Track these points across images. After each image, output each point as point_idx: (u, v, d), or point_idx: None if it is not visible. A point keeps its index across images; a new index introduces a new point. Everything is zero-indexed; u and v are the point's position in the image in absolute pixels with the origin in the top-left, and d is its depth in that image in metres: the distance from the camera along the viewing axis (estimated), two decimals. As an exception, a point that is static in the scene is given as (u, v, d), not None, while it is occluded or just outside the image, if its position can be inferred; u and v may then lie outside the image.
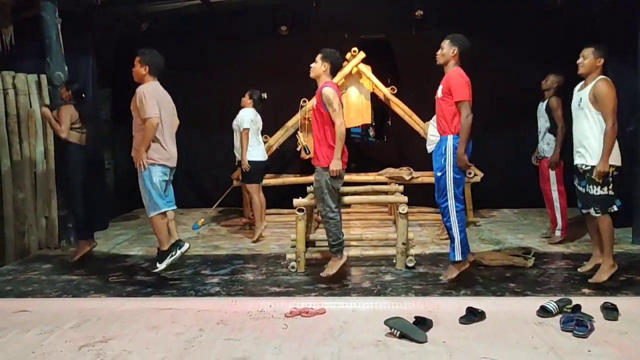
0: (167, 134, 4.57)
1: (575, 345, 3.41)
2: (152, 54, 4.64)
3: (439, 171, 4.33)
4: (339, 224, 4.57)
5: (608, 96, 4.13)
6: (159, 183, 4.51)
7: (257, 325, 3.81)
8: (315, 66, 4.47)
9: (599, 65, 4.27)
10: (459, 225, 4.33)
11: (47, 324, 3.90)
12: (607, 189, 4.20)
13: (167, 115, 4.59)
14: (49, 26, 5.52)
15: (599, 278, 4.32)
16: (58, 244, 5.96)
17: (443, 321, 3.78)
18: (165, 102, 4.60)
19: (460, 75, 4.23)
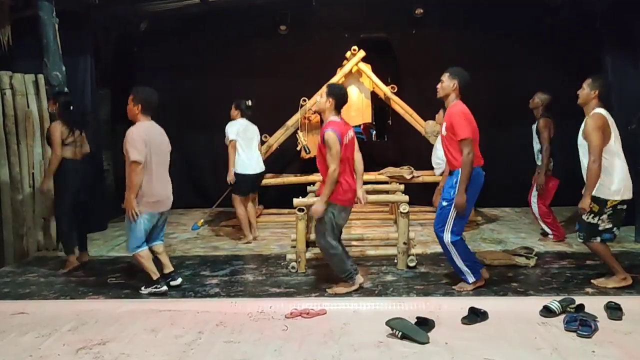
0: (157, 176, 4.37)
1: (579, 346, 3.37)
2: (144, 91, 4.44)
3: (444, 201, 4.25)
4: (342, 256, 4.36)
5: (592, 132, 4.12)
6: (144, 227, 4.39)
7: (257, 327, 3.77)
8: (320, 101, 4.34)
9: (594, 96, 4.23)
10: (459, 255, 4.27)
11: (44, 326, 3.86)
12: (598, 220, 4.21)
13: (159, 156, 4.39)
14: (46, 26, 5.48)
15: (603, 283, 4.34)
16: (56, 246, 5.92)
17: (445, 321, 3.75)
18: (156, 141, 4.39)
19: (461, 111, 4.16)
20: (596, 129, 4.10)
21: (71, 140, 5.09)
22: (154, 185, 4.34)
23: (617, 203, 4.18)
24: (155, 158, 4.37)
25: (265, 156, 7.02)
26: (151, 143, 4.34)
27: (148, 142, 4.30)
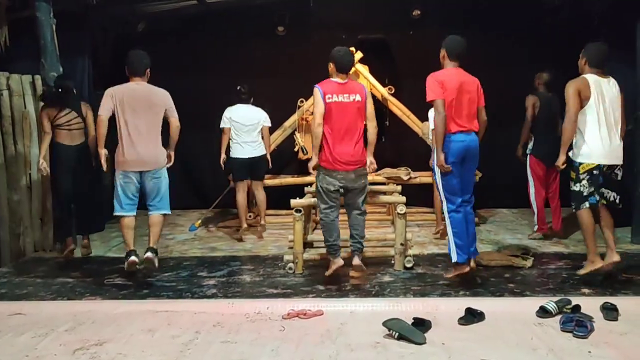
0: (128, 135, 4.43)
1: (575, 346, 3.38)
2: (129, 55, 4.62)
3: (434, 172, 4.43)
4: (328, 225, 4.44)
5: (567, 95, 4.26)
6: (121, 187, 4.52)
7: (254, 328, 3.77)
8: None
9: (584, 64, 4.33)
10: (452, 227, 4.32)
11: (41, 327, 3.86)
12: (579, 186, 4.28)
13: (135, 116, 4.44)
14: (43, 27, 5.47)
15: (579, 271, 4.40)
16: (53, 246, 5.91)
17: (442, 322, 3.75)
18: (135, 101, 4.45)
19: (432, 75, 4.28)
20: (571, 92, 4.22)
21: (64, 122, 5.01)
22: (123, 144, 4.48)
23: (591, 168, 4.23)
24: (131, 118, 4.44)
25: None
26: (126, 102, 4.45)
27: (120, 100, 4.44)
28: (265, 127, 6.26)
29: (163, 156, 4.61)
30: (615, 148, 4.26)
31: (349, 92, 4.34)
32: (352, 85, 4.41)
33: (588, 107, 4.24)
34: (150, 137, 4.52)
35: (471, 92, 4.28)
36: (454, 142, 4.24)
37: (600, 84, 4.26)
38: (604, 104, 4.23)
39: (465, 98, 4.25)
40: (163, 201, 4.65)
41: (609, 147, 4.23)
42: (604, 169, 4.26)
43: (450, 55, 4.31)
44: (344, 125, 4.33)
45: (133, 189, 4.57)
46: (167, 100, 4.62)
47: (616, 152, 4.27)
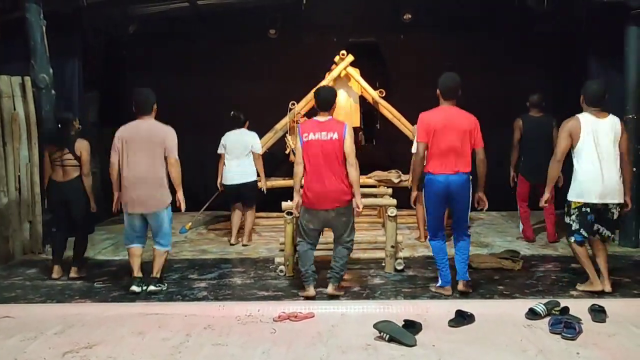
0: (130, 176, 4.42)
1: (564, 348, 3.41)
2: (135, 93, 4.57)
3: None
4: (301, 255, 4.40)
5: (558, 134, 4.40)
6: (126, 222, 4.58)
7: (245, 330, 3.77)
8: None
9: (582, 102, 4.38)
10: (433, 252, 4.42)
11: (30, 330, 3.82)
12: (569, 220, 4.37)
13: (136, 155, 4.41)
14: (33, 28, 5.45)
15: (581, 287, 4.43)
16: (42, 249, 5.88)
17: (432, 324, 3.77)
18: (135, 139, 4.42)
19: (420, 116, 4.36)
20: (562, 133, 4.32)
21: (57, 157, 4.91)
22: (123, 185, 4.48)
23: (581, 205, 4.27)
24: (132, 157, 4.42)
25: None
26: (129, 141, 4.43)
27: (125, 140, 4.44)
28: (256, 153, 6.16)
29: (161, 198, 4.49)
30: (610, 187, 4.22)
31: (326, 130, 4.23)
32: (331, 124, 4.28)
33: (581, 146, 4.24)
34: (150, 177, 4.44)
35: (462, 133, 4.21)
36: (434, 182, 4.26)
37: (596, 123, 4.24)
38: (597, 143, 4.22)
39: (452, 139, 4.21)
40: (164, 237, 4.60)
41: (601, 186, 4.21)
42: (596, 207, 4.26)
43: (443, 94, 4.28)
44: (319, 164, 4.23)
45: (137, 226, 4.57)
46: (166, 137, 4.45)
47: (611, 191, 4.23)
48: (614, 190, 4.23)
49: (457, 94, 4.29)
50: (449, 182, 4.22)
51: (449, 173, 4.21)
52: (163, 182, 4.49)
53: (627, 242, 5.76)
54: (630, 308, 4.04)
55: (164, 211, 4.52)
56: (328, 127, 4.25)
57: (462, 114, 4.29)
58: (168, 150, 4.45)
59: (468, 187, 4.29)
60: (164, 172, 4.48)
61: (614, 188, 4.23)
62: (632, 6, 5.44)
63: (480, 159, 4.31)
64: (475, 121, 4.29)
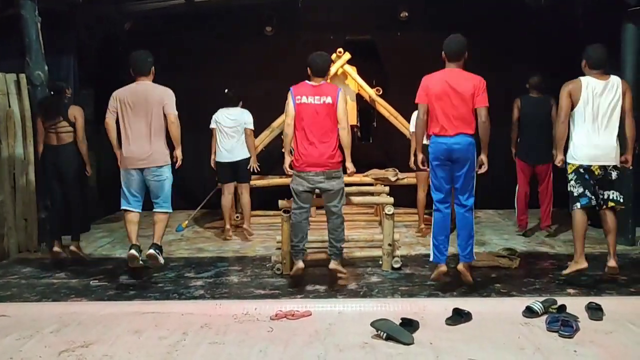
0: (127, 134, 4.53)
1: (561, 346, 3.42)
2: (132, 55, 4.64)
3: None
4: (295, 226, 4.49)
5: (560, 95, 4.42)
6: (124, 183, 4.62)
7: (242, 329, 3.76)
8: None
9: (584, 67, 4.43)
10: (433, 229, 4.39)
11: (26, 328, 3.80)
12: (570, 186, 4.40)
13: (132, 115, 4.51)
14: (28, 25, 5.41)
15: (563, 272, 4.47)
16: (38, 247, 5.85)
17: (429, 322, 3.77)
18: (132, 100, 4.51)
19: (423, 78, 4.37)
20: (563, 94, 4.37)
21: (50, 124, 5.01)
22: (123, 143, 4.56)
23: (577, 167, 4.33)
24: (128, 117, 4.51)
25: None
26: (126, 102, 4.51)
27: (122, 100, 4.51)
28: (248, 129, 6.17)
29: (161, 154, 4.58)
30: (605, 148, 4.27)
31: (320, 95, 4.35)
32: (324, 88, 4.40)
33: (577, 108, 4.31)
34: (147, 135, 4.53)
35: (463, 94, 4.19)
36: (435, 144, 4.27)
37: (596, 85, 4.28)
38: (595, 105, 4.26)
39: (454, 100, 4.19)
40: (165, 199, 4.66)
41: (595, 147, 4.27)
42: (593, 170, 4.30)
43: (447, 56, 4.29)
44: (312, 127, 4.35)
45: (135, 186, 4.62)
46: (164, 96, 4.55)
47: (605, 152, 4.27)
48: (609, 151, 4.27)
49: (462, 56, 4.27)
50: (450, 144, 4.20)
51: (450, 135, 4.20)
52: (163, 140, 4.59)
53: (623, 240, 5.75)
54: (627, 306, 4.04)
55: (164, 167, 4.59)
56: (322, 91, 4.36)
57: (465, 76, 4.25)
58: (167, 108, 4.53)
59: (472, 152, 4.24)
60: (163, 130, 4.59)
61: (608, 150, 4.27)
62: (629, 4, 5.43)
63: (482, 120, 4.21)
64: (479, 82, 4.23)
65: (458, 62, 4.28)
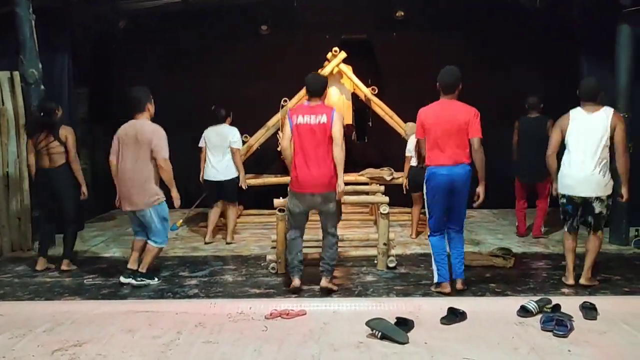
0: (120, 175, 4.52)
1: (556, 345, 3.42)
2: (129, 92, 4.61)
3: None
4: (289, 244, 4.47)
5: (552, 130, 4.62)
6: (129, 218, 4.76)
7: (237, 328, 3.75)
8: None
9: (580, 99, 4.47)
10: (431, 248, 4.39)
11: (18, 327, 3.78)
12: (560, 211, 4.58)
13: (125, 152, 4.47)
14: (22, 22, 5.38)
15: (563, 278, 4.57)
16: (31, 245, 5.82)
17: (424, 322, 3.77)
18: (125, 139, 4.48)
19: (418, 113, 4.40)
20: (554, 127, 4.53)
21: (43, 146, 4.90)
22: (117, 183, 4.57)
23: (561, 195, 4.45)
24: (122, 156, 4.48)
25: (246, 157, 6.99)
26: (121, 140, 4.49)
27: (120, 138, 4.50)
28: (233, 148, 5.98)
29: (143, 197, 4.46)
30: (581, 180, 4.30)
31: (315, 114, 4.28)
32: (320, 108, 4.33)
33: (566, 140, 4.40)
34: (135, 177, 4.45)
35: (457, 125, 4.18)
36: (435, 175, 4.25)
37: (585, 117, 4.31)
38: (580, 137, 4.31)
39: (449, 132, 4.20)
40: (155, 235, 4.59)
41: (571, 178, 4.34)
42: (575, 199, 4.37)
43: (442, 88, 4.29)
44: (308, 148, 4.26)
45: (134, 223, 4.68)
46: (153, 137, 4.42)
47: (581, 183, 4.31)
48: (589, 183, 4.29)
49: (456, 88, 4.27)
50: (451, 175, 4.20)
51: (450, 165, 4.20)
52: (148, 181, 4.47)
53: (617, 240, 5.79)
54: (621, 306, 4.06)
55: (149, 210, 4.50)
56: (317, 110, 4.31)
57: (458, 107, 4.26)
58: (155, 152, 4.43)
59: (468, 181, 4.24)
60: (150, 171, 4.47)
61: (589, 181, 4.29)
62: (624, 5, 5.45)
63: (474, 149, 4.22)
64: (473, 113, 4.23)
65: (452, 94, 4.28)
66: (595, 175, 4.27)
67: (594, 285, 4.42)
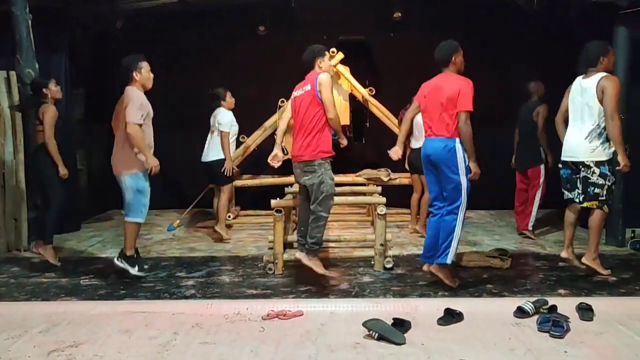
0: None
1: (552, 346, 3.43)
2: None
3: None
4: (298, 217, 4.63)
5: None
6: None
7: (234, 328, 3.74)
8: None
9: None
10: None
11: (15, 328, 3.77)
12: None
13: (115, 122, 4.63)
14: (19, 22, 5.37)
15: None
16: (27, 246, 5.80)
17: (421, 322, 3.77)
18: (117, 106, 4.62)
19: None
20: (566, 92, 4.64)
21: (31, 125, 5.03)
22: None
23: (561, 162, 4.62)
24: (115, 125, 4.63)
25: (243, 157, 6.99)
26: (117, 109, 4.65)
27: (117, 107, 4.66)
28: (221, 131, 5.97)
29: (119, 162, 4.50)
30: (572, 144, 4.45)
31: (302, 85, 4.41)
32: (307, 77, 4.42)
33: (564, 110, 4.61)
34: (117, 142, 4.57)
35: (444, 98, 4.17)
36: (422, 147, 4.39)
37: (579, 84, 4.45)
38: (575, 103, 4.46)
39: (436, 104, 4.22)
40: (129, 208, 4.58)
41: (566, 142, 4.51)
42: (572, 166, 4.48)
43: (435, 62, 4.35)
44: (298, 119, 4.42)
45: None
46: (127, 99, 4.44)
47: (572, 148, 4.45)
48: (580, 147, 4.40)
49: (448, 62, 4.28)
50: (427, 147, 4.29)
51: (429, 136, 4.29)
52: (125, 147, 4.49)
53: (613, 241, 5.80)
54: (617, 307, 4.06)
55: (124, 177, 4.52)
56: (305, 80, 4.40)
57: (448, 80, 4.23)
58: (125, 114, 4.43)
59: (449, 155, 4.16)
60: (124, 137, 4.47)
61: (574, 146, 4.43)
62: (621, 6, 5.47)
63: (460, 124, 4.12)
64: (461, 85, 4.13)
65: (447, 67, 4.30)
66: (581, 140, 4.38)
67: (596, 270, 4.47)
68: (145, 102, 4.51)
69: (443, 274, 4.32)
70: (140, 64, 4.55)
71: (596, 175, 4.35)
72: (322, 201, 4.33)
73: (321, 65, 4.45)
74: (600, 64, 4.38)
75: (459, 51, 4.29)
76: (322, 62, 4.46)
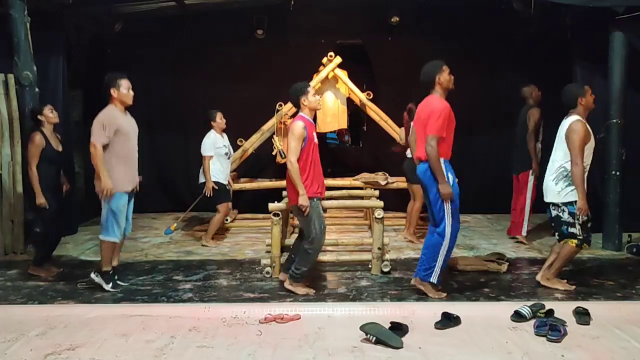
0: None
1: (549, 350, 3.44)
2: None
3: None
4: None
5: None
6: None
7: (231, 332, 3.74)
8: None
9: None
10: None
11: (11, 331, 3.76)
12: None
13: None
14: (17, 25, 5.37)
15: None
16: (24, 249, 5.78)
17: (418, 326, 3.77)
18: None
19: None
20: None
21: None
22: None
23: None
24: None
25: (241, 160, 7.01)
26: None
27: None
28: (203, 155, 6.03)
29: (98, 182, 4.40)
30: (545, 186, 4.48)
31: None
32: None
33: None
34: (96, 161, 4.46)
35: (420, 121, 4.21)
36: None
37: (561, 125, 4.45)
38: (555, 144, 4.48)
39: (420, 127, 4.24)
40: (102, 226, 4.51)
41: (544, 183, 4.52)
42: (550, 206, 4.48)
43: (425, 83, 4.28)
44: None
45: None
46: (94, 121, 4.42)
47: (546, 189, 4.48)
48: (545, 188, 4.50)
49: (428, 84, 4.21)
50: (417, 170, 4.31)
51: (417, 158, 4.30)
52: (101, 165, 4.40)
53: (610, 246, 5.81)
54: (614, 311, 4.07)
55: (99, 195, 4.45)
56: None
57: (428, 103, 4.20)
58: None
59: (430, 179, 4.14)
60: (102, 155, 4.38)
61: (545, 187, 4.50)
62: (617, 12, 5.50)
63: (425, 146, 4.07)
64: (432, 108, 4.08)
65: (432, 88, 4.21)
66: (549, 182, 4.44)
67: (552, 287, 4.47)
68: (113, 121, 4.39)
69: (427, 288, 4.32)
70: (119, 82, 4.49)
71: (566, 214, 4.36)
72: (312, 240, 4.36)
73: (305, 103, 4.38)
74: (580, 105, 4.39)
75: (442, 70, 4.17)
76: (305, 100, 4.38)
